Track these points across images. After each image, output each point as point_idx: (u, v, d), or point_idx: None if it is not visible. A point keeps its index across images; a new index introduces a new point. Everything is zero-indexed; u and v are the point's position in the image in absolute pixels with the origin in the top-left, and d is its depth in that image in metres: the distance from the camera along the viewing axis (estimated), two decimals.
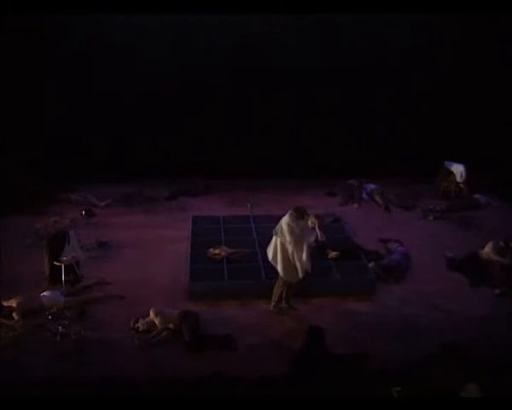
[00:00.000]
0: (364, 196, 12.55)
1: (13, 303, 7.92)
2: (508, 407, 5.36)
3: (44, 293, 8.27)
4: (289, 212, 8.04)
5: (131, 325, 7.62)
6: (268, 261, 9.08)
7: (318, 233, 9.48)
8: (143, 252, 9.93)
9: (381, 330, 7.80)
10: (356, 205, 12.30)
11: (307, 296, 8.50)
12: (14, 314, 7.83)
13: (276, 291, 8.21)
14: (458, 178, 12.76)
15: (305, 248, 7.87)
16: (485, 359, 6.85)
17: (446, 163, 12.96)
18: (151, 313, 7.58)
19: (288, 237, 7.88)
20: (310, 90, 12.94)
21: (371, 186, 12.64)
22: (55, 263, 8.82)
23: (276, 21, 12.34)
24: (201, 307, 8.07)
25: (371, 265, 9.18)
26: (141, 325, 7.59)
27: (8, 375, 6.74)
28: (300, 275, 7.93)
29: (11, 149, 11.94)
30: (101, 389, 6.44)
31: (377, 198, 12.38)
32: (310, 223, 9.53)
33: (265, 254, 9.32)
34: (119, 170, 12.93)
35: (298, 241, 7.86)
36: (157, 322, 7.52)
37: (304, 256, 7.85)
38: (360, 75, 12.90)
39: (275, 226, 10.53)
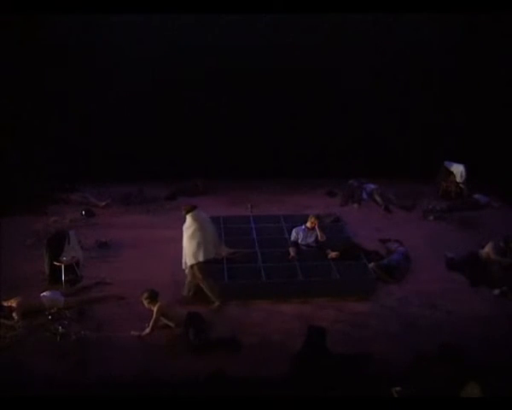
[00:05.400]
0: (364, 196, 12.54)
1: (13, 303, 7.93)
2: (508, 407, 5.36)
3: (44, 293, 8.27)
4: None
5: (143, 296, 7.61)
6: (268, 261, 9.15)
7: (318, 233, 9.53)
8: (143, 252, 9.93)
9: (381, 330, 7.80)
10: (356, 205, 12.30)
11: (307, 296, 8.51)
12: (14, 314, 7.83)
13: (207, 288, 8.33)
14: (458, 178, 12.76)
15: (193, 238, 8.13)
16: (484, 359, 6.86)
17: (446, 163, 12.97)
18: (155, 309, 7.55)
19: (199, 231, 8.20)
20: (310, 89, 12.94)
21: (371, 186, 12.64)
22: (55, 263, 8.83)
23: (275, 21, 12.34)
24: (201, 307, 8.06)
25: (371, 265, 9.18)
26: (146, 303, 7.59)
27: (8, 375, 6.74)
28: (188, 262, 8.17)
29: (11, 149, 11.94)
30: (101, 389, 6.44)
31: (377, 198, 12.37)
32: (310, 223, 9.60)
33: (265, 254, 9.40)
34: (119, 170, 12.93)
35: (208, 229, 8.26)
36: (152, 320, 7.50)
37: (190, 247, 8.13)
38: (360, 75, 12.91)
39: (275, 226, 10.68)
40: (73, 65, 12.32)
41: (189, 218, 8.29)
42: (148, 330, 7.48)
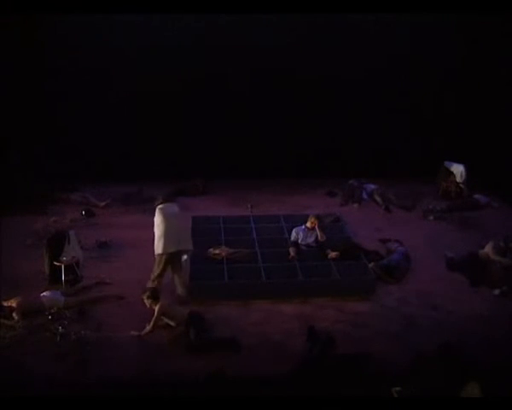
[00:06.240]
0: (364, 196, 12.54)
1: (13, 303, 7.92)
2: (508, 407, 5.36)
3: (44, 293, 8.27)
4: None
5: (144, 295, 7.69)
6: (268, 261, 9.14)
7: (318, 233, 9.53)
8: (143, 252, 9.86)
9: (380, 330, 7.80)
10: (356, 205, 12.29)
11: (307, 296, 8.51)
12: (14, 314, 7.83)
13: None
14: (458, 179, 12.76)
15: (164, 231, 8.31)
16: (484, 359, 6.85)
17: (446, 163, 12.97)
18: (156, 308, 7.57)
19: (162, 224, 8.37)
20: (310, 89, 12.94)
21: (371, 186, 12.64)
22: (55, 263, 8.83)
23: (276, 21, 12.34)
24: (201, 307, 8.06)
25: (371, 265, 9.17)
26: (148, 302, 7.64)
27: (8, 375, 6.74)
28: (161, 249, 8.30)
29: (11, 149, 11.94)
30: (101, 389, 6.44)
31: (377, 198, 12.37)
32: (310, 223, 9.59)
33: (265, 254, 9.40)
34: (119, 170, 12.93)
35: (172, 224, 8.38)
36: (153, 319, 7.51)
37: (155, 239, 8.36)
38: (360, 75, 12.91)
39: (275, 226, 10.69)
40: (73, 65, 12.31)
41: (156, 211, 8.54)
42: (148, 330, 7.49)
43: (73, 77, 12.37)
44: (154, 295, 7.63)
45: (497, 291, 8.75)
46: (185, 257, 8.63)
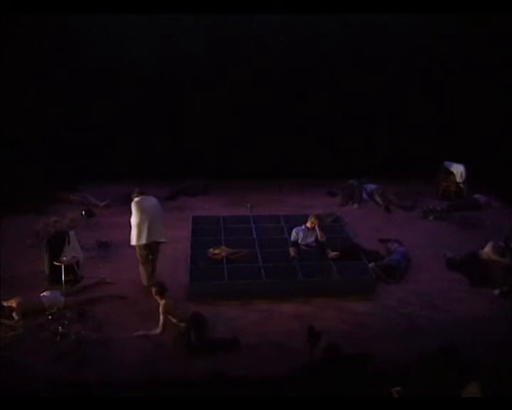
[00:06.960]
0: (364, 196, 12.55)
1: (13, 303, 7.92)
2: (508, 407, 5.36)
3: (44, 293, 8.27)
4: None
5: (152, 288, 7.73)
6: (268, 261, 9.15)
7: (318, 233, 9.53)
8: None
9: (381, 330, 7.80)
10: (356, 205, 12.30)
11: (307, 296, 8.51)
12: (14, 314, 7.83)
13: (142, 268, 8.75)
14: (458, 179, 12.77)
15: (149, 220, 8.60)
16: (485, 359, 6.86)
17: (446, 163, 12.98)
18: (160, 306, 7.57)
19: (136, 217, 8.66)
20: (310, 90, 12.95)
21: (371, 186, 12.65)
22: (55, 263, 8.83)
23: (276, 21, 12.35)
24: (201, 307, 8.05)
25: (371, 265, 9.18)
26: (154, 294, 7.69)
27: (8, 375, 6.73)
28: (135, 241, 8.62)
29: (12, 149, 11.94)
30: (101, 389, 6.44)
31: (377, 198, 12.38)
32: (310, 223, 9.59)
33: (265, 254, 9.40)
34: (119, 170, 12.93)
35: (145, 217, 8.61)
36: (161, 320, 7.52)
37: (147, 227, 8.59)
38: (360, 75, 12.92)
39: (275, 226, 10.69)
40: (75, 65, 12.32)
41: (132, 204, 8.80)
42: (158, 331, 7.50)
43: (73, 77, 12.37)
44: (161, 290, 7.64)
45: (497, 291, 8.76)
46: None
